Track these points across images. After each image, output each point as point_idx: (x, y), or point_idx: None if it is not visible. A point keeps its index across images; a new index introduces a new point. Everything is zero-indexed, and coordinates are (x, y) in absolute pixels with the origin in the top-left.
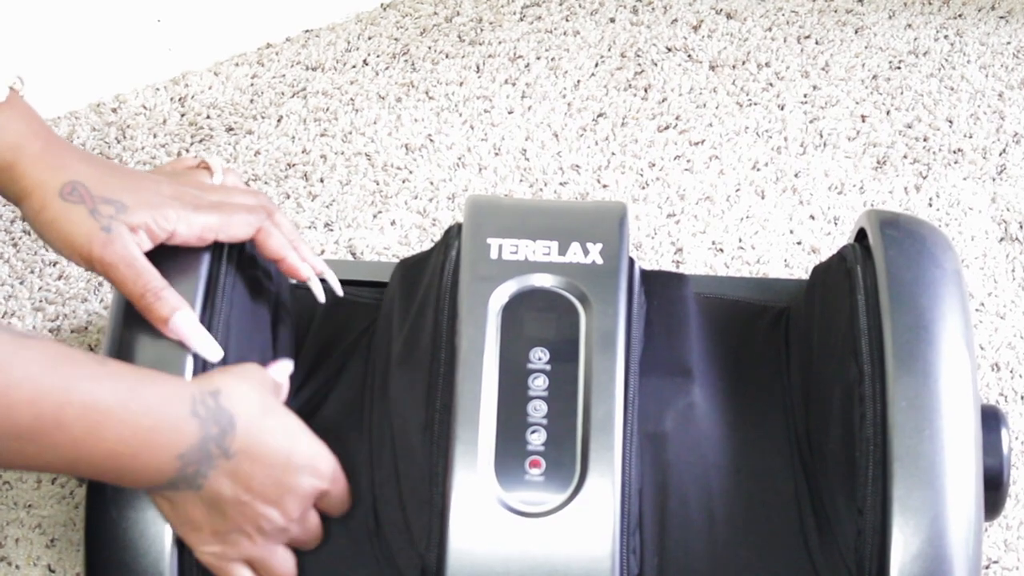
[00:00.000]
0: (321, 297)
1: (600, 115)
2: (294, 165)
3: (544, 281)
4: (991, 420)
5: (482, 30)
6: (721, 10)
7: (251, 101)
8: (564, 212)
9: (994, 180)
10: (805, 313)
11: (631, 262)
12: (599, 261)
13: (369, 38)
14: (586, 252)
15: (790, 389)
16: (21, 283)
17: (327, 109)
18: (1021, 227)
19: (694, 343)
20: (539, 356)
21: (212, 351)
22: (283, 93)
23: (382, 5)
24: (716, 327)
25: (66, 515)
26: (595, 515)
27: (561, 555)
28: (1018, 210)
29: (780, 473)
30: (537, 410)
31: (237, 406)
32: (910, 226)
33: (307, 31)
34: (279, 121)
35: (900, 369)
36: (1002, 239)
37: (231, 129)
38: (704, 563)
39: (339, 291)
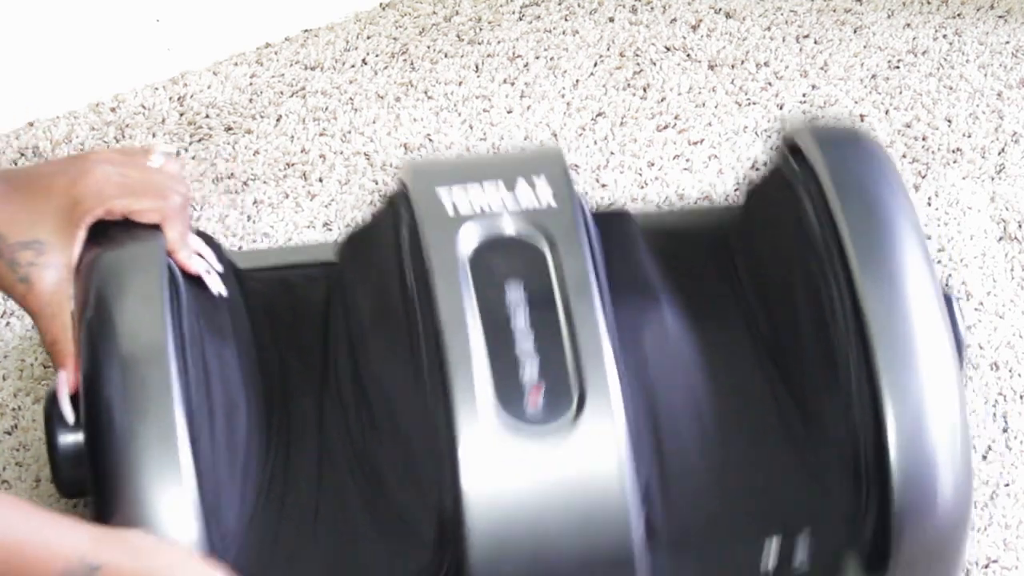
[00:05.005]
0: (218, 291)
1: (599, 114)
2: (293, 164)
3: (503, 222)
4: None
5: (481, 29)
6: (720, 9)
7: (250, 100)
8: (502, 157)
9: (993, 179)
10: (744, 229)
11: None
12: (550, 191)
13: (368, 37)
14: (535, 187)
15: (745, 300)
16: None
17: (326, 108)
18: (1020, 226)
19: (650, 268)
20: (515, 295)
21: (68, 414)
22: (282, 92)
23: (381, 4)
24: (663, 254)
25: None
26: (601, 432)
27: (575, 475)
28: (1017, 209)
29: (751, 374)
30: (525, 342)
31: None
32: (836, 130)
33: (306, 31)
34: (278, 120)
35: (860, 250)
36: (1001, 238)
37: (230, 128)
38: (701, 463)
39: (220, 291)
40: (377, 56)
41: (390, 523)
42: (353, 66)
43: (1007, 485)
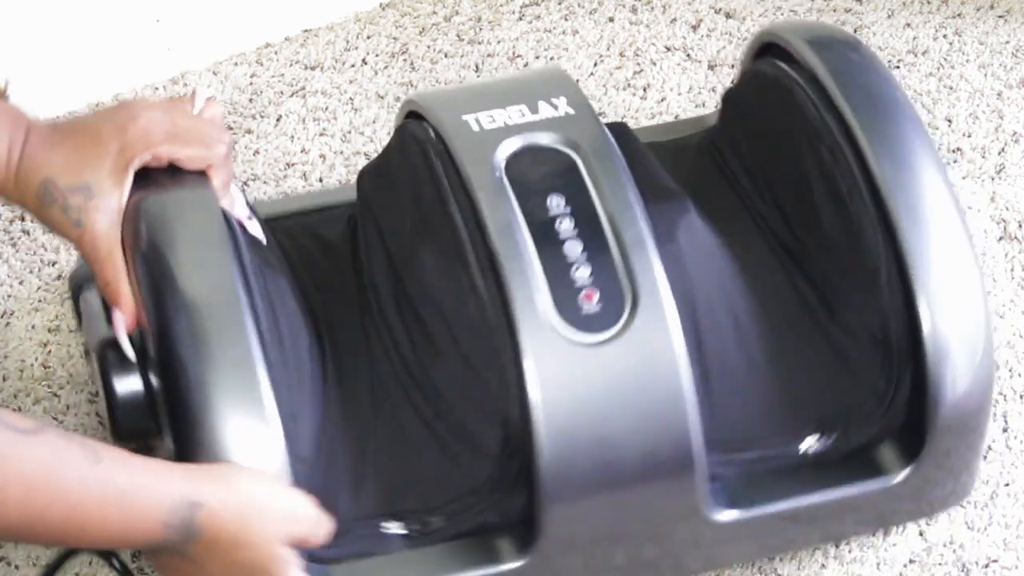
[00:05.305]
0: (259, 236)
1: (599, 114)
2: (293, 164)
3: (533, 138)
4: None
5: (481, 29)
6: (720, 9)
7: (250, 100)
8: (513, 82)
9: (993, 179)
10: (732, 132)
11: None
12: (571, 111)
13: (368, 37)
14: (555, 107)
15: (748, 199)
16: (20, 283)
17: (326, 108)
18: (1020, 226)
19: (664, 173)
20: (556, 202)
21: (128, 352)
22: (282, 92)
23: (381, 4)
24: (661, 163)
25: None
26: (657, 330)
27: (637, 373)
28: (1017, 209)
29: (770, 269)
30: (574, 249)
31: (209, 528)
32: (819, 27)
33: (306, 30)
34: (278, 120)
35: (871, 137)
36: (1001, 238)
37: (230, 128)
38: (739, 361)
39: (263, 242)
40: (377, 56)
41: (451, 437)
42: (353, 66)
43: (1007, 485)
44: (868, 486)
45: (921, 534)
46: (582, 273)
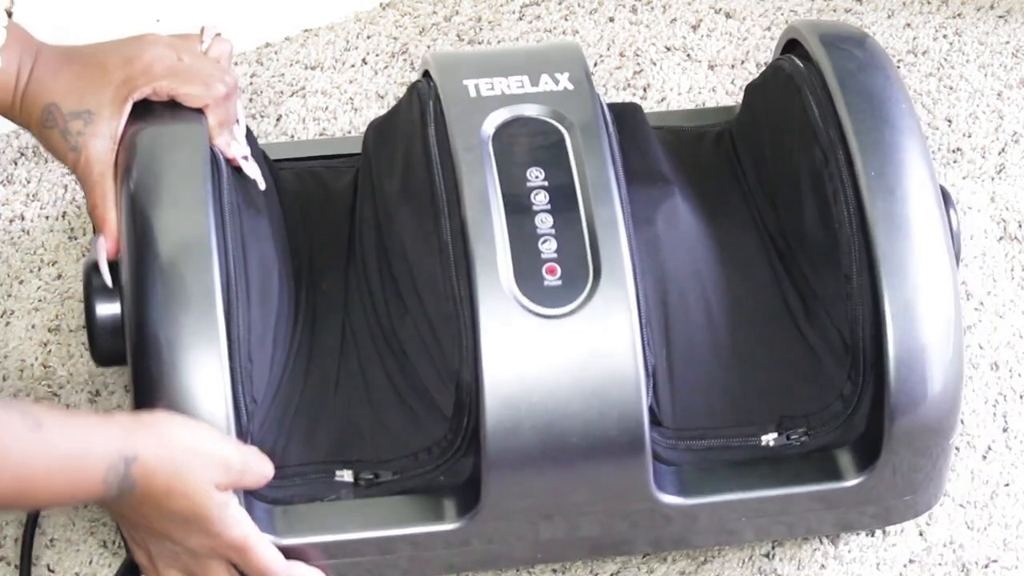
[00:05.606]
0: (255, 178)
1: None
2: None
3: (525, 110)
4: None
5: (481, 29)
6: (720, 9)
7: (250, 100)
8: (524, 52)
9: (993, 179)
10: (747, 125)
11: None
12: (570, 87)
13: (368, 37)
14: (556, 81)
15: (750, 191)
16: (20, 283)
17: (326, 108)
18: (1020, 226)
19: (662, 157)
20: (536, 175)
21: (106, 278)
22: (282, 92)
23: (381, 4)
24: (670, 147)
25: (65, 515)
26: (614, 310)
27: (589, 350)
28: (1017, 209)
29: (757, 262)
30: (544, 222)
31: (142, 480)
32: (839, 28)
33: (306, 30)
34: (278, 120)
35: (863, 143)
36: (1001, 238)
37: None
38: (706, 349)
39: (261, 184)
40: (377, 56)
41: (410, 394)
42: (353, 66)
43: (1007, 485)
44: (819, 488)
45: (921, 534)
46: (548, 247)
